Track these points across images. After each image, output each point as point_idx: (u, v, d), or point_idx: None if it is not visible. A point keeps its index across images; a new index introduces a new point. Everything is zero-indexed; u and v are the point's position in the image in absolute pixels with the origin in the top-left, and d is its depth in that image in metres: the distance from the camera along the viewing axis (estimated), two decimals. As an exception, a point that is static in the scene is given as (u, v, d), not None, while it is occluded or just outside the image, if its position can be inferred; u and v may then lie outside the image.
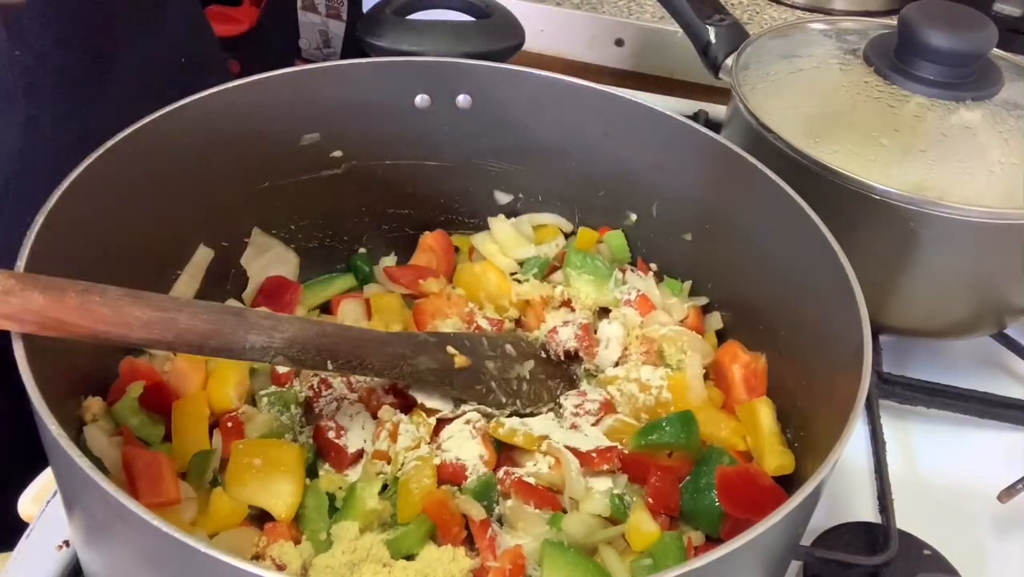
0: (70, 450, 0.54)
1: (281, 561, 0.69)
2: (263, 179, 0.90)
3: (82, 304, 0.60)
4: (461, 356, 0.80)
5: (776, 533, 0.58)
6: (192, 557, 0.51)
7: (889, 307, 0.93)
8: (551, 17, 1.59)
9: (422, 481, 0.75)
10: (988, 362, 1.04)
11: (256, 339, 0.67)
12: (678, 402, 0.83)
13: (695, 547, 0.75)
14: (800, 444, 0.79)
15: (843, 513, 0.86)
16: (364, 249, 0.99)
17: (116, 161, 0.74)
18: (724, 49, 1.06)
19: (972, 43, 0.93)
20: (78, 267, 0.64)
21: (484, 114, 0.93)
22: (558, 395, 0.86)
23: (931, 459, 0.95)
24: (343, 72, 0.89)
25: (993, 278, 0.92)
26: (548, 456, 0.78)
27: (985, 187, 0.88)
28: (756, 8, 1.70)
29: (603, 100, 0.90)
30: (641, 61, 1.58)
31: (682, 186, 0.90)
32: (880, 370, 0.97)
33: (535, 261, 0.95)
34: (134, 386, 0.77)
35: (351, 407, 0.81)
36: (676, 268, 0.95)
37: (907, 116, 0.93)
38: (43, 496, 0.81)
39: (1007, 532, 0.89)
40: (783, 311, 0.83)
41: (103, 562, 0.64)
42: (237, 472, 0.74)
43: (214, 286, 0.89)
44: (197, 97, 0.81)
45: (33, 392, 0.57)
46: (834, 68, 0.99)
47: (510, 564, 0.70)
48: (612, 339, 0.87)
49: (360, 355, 0.73)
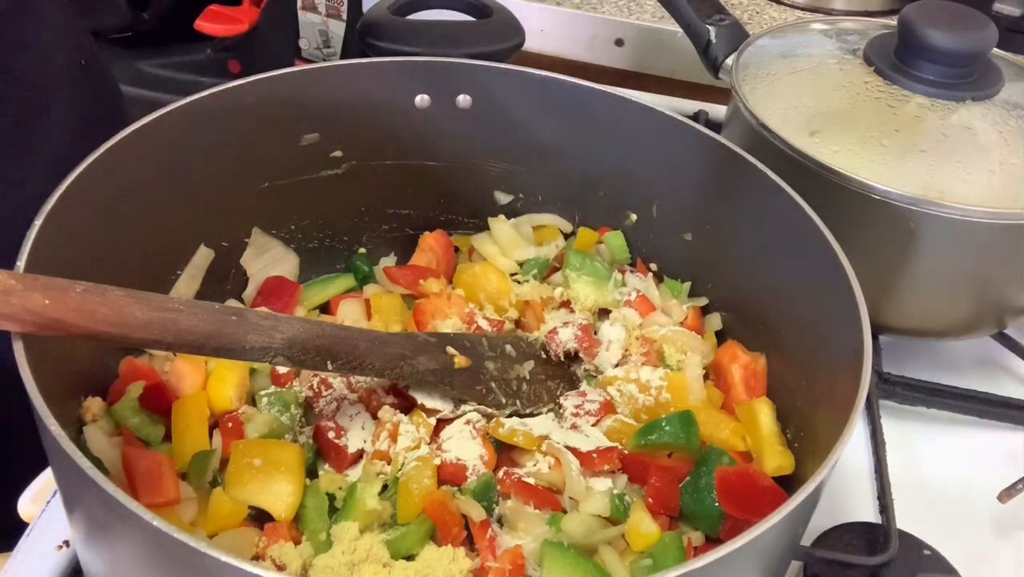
0: (70, 450, 0.54)
1: (281, 561, 0.69)
2: (263, 179, 0.90)
3: (82, 304, 0.60)
4: (461, 356, 0.80)
5: (776, 533, 0.58)
6: (192, 557, 0.51)
7: (889, 307, 0.93)
8: (551, 17, 1.59)
9: (422, 481, 0.75)
10: (988, 362, 1.04)
11: (256, 339, 0.67)
12: (678, 402, 0.83)
13: (695, 547, 0.75)
14: (800, 444, 0.79)
15: (843, 513, 0.86)
16: (364, 249, 0.99)
17: (116, 161, 0.74)
18: (724, 49, 1.05)
19: (972, 43, 0.93)
20: (78, 267, 0.64)
21: (484, 114, 0.93)
22: (558, 395, 0.86)
23: (931, 459, 0.95)
24: (343, 72, 0.89)
25: (993, 278, 0.92)
26: (548, 456, 0.78)
27: (985, 187, 0.88)
28: (756, 8, 1.70)
29: (603, 100, 0.90)
30: (641, 61, 1.58)
31: (682, 186, 0.90)
32: (880, 370, 0.97)
33: (535, 262, 0.95)
34: (134, 386, 0.77)
35: (351, 407, 0.81)
36: (676, 268, 0.95)
37: (907, 116, 0.93)
38: (43, 496, 0.81)
39: (1007, 532, 0.89)
40: (783, 311, 0.83)
41: (103, 562, 0.64)
42: (237, 472, 0.74)
43: (214, 286, 0.89)
44: (197, 97, 0.81)
45: (33, 392, 0.57)
46: (834, 68, 0.99)
47: (510, 564, 0.71)
48: (613, 341, 0.87)
49: (360, 355, 0.73)
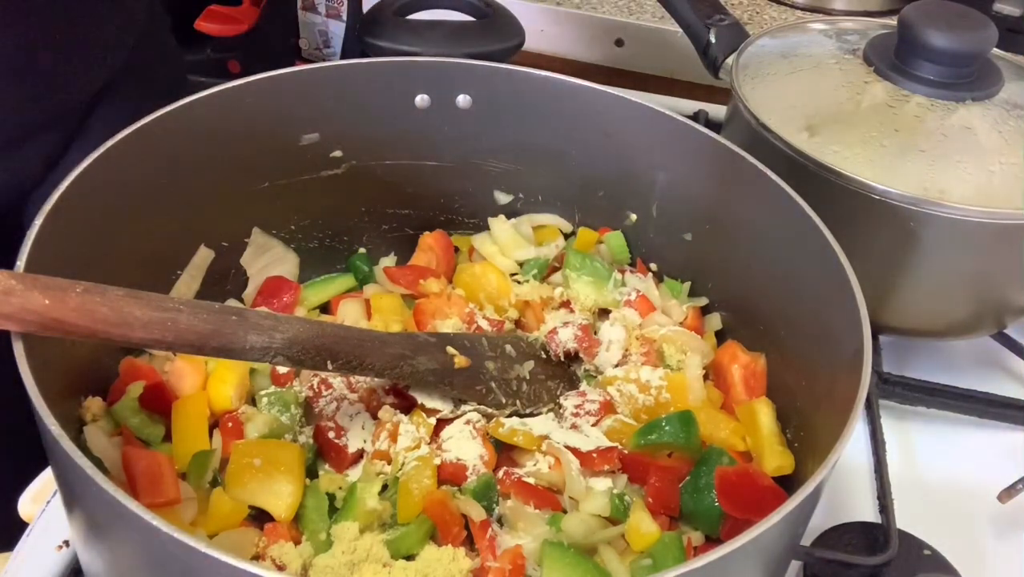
0: (70, 450, 0.54)
1: (281, 561, 0.69)
2: (263, 179, 0.90)
3: (82, 304, 0.60)
4: (461, 356, 0.80)
5: (776, 533, 0.58)
6: (192, 557, 0.51)
7: (889, 307, 0.93)
8: (551, 17, 1.59)
9: (422, 481, 0.75)
10: (988, 362, 1.04)
11: (256, 339, 0.67)
12: (678, 402, 0.83)
13: (695, 547, 0.75)
14: (800, 444, 0.79)
15: (843, 513, 0.86)
16: (364, 249, 0.99)
17: (116, 161, 0.74)
18: (724, 49, 1.06)
19: (972, 43, 0.93)
20: (78, 267, 0.64)
21: (484, 114, 0.93)
22: (558, 395, 0.86)
23: (931, 459, 0.95)
24: (343, 72, 0.89)
25: (993, 278, 0.92)
26: (548, 456, 0.78)
27: (985, 187, 0.88)
28: (756, 8, 1.70)
29: (603, 100, 0.90)
30: (641, 61, 1.58)
31: (682, 186, 0.90)
32: (880, 370, 0.97)
33: (535, 262, 0.95)
34: (134, 386, 0.77)
35: (351, 407, 0.81)
36: (676, 268, 0.95)
37: (907, 116, 0.93)
38: (43, 496, 0.81)
39: (1007, 532, 0.88)
40: (783, 311, 0.83)
41: (103, 562, 0.64)
42: (237, 472, 0.74)
43: (214, 286, 0.89)
44: (197, 97, 0.81)
45: (33, 392, 0.57)
46: (834, 68, 0.99)
47: (510, 564, 0.71)
48: (614, 341, 0.87)
49: (360, 355, 0.73)
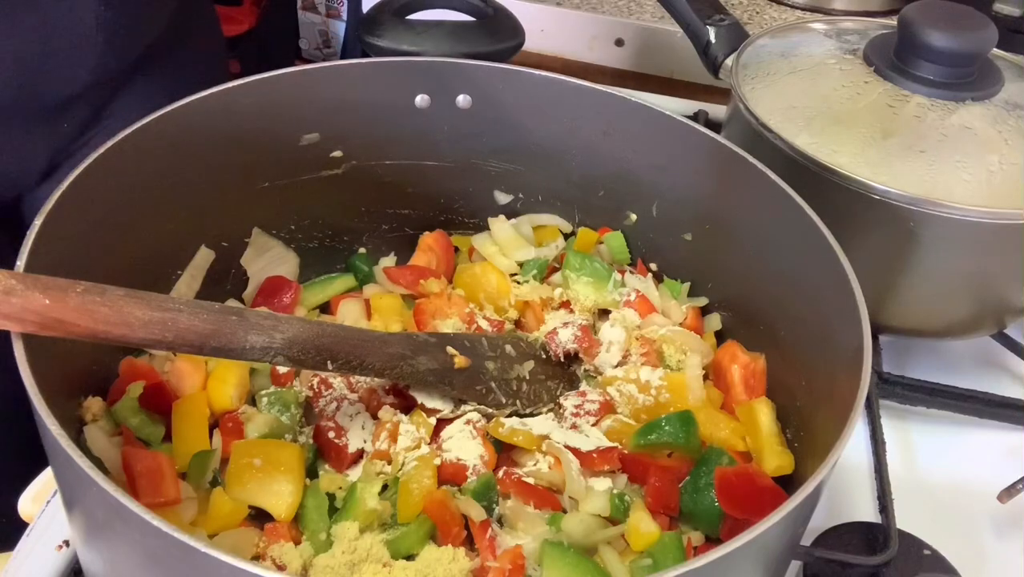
0: (70, 450, 0.54)
1: (281, 561, 0.69)
2: (263, 179, 0.90)
3: (83, 304, 0.60)
4: (461, 356, 0.80)
5: (776, 533, 0.58)
6: (192, 557, 0.51)
7: (889, 307, 0.93)
8: (551, 17, 1.59)
9: (422, 481, 0.75)
10: (988, 362, 1.04)
11: (256, 339, 0.67)
12: (678, 402, 0.83)
13: (695, 547, 0.76)
14: (800, 444, 0.79)
15: (843, 513, 0.86)
16: (364, 249, 0.99)
17: (116, 161, 0.74)
18: (724, 49, 1.06)
19: (972, 43, 0.93)
20: (78, 267, 0.64)
21: (484, 114, 0.93)
22: (558, 395, 0.86)
23: (931, 459, 0.95)
24: (343, 72, 0.89)
25: (993, 278, 0.92)
26: (548, 456, 0.78)
27: (985, 187, 0.88)
28: (756, 8, 1.70)
29: (603, 100, 0.90)
30: (641, 61, 1.58)
31: (682, 186, 0.90)
32: (880, 370, 0.97)
33: (535, 263, 0.95)
34: (134, 386, 0.77)
35: (351, 407, 0.81)
36: (676, 268, 0.95)
37: (907, 116, 0.93)
38: (43, 496, 0.81)
39: (1007, 532, 0.88)
40: (783, 311, 0.83)
41: (103, 562, 0.64)
42: (237, 472, 0.74)
43: (214, 286, 0.89)
44: (197, 97, 0.81)
45: (33, 392, 0.57)
46: (834, 68, 0.99)
47: (510, 564, 0.71)
48: (614, 342, 0.87)
49: (360, 355, 0.73)
